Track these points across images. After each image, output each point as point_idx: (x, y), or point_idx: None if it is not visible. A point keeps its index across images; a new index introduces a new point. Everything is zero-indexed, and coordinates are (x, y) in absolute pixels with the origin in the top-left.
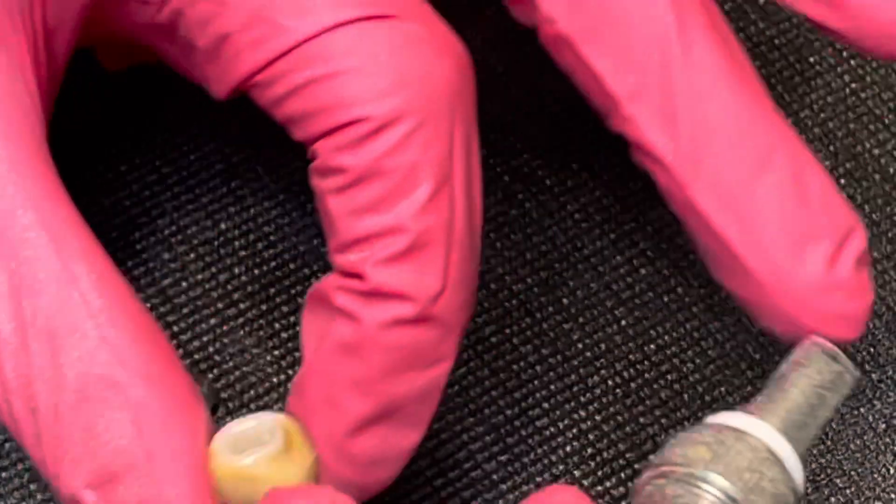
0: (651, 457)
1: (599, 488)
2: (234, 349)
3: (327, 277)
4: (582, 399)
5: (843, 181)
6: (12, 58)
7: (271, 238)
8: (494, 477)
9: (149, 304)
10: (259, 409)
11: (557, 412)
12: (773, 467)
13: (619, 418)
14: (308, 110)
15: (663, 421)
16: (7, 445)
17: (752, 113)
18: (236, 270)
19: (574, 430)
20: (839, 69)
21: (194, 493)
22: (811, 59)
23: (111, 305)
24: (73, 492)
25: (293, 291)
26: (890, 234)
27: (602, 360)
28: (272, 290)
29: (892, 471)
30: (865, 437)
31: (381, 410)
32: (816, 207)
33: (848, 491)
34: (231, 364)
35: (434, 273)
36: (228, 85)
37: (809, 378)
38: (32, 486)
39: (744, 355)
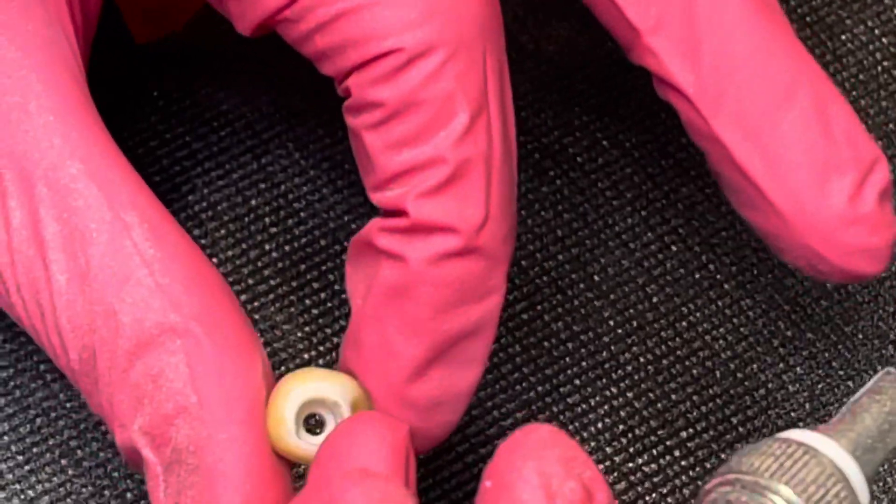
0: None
1: (631, 465)
2: (265, 325)
3: (368, 224)
4: (613, 376)
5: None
6: (49, 8)
7: (301, 214)
8: None
9: None
10: None
11: (589, 389)
12: (838, 484)
13: (651, 395)
14: (338, 44)
15: (695, 398)
16: (38, 421)
17: (776, 45)
18: (266, 247)
19: (605, 407)
20: (871, 47)
21: (246, 437)
22: (843, 37)
23: (164, 253)
24: (128, 436)
25: (324, 268)
26: None
27: (633, 336)
28: (302, 267)
29: None
30: None
31: (436, 351)
32: (840, 140)
33: (881, 468)
34: (262, 340)
35: (476, 203)
36: (254, 21)
37: (881, 405)
38: (63, 462)
39: (776, 332)
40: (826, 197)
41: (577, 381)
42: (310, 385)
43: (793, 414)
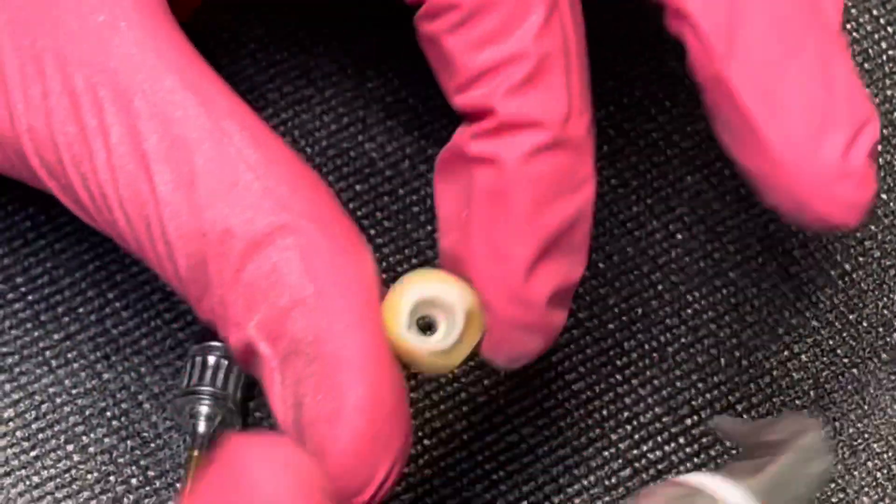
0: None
1: (636, 452)
2: None
3: (454, 136)
4: (618, 363)
5: (879, 147)
6: None
7: None
8: (531, 441)
9: None
10: None
11: (594, 376)
12: None
13: (656, 382)
14: None
15: (700, 385)
16: (44, 407)
17: None
18: None
19: (610, 394)
20: (876, 35)
21: (364, 325)
22: (848, 26)
23: (267, 156)
24: (244, 334)
25: None
26: None
27: (638, 324)
28: None
29: None
30: None
31: (544, 246)
32: (840, 95)
33: (885, 455)
34: None
35: (560, 96)
36: None
37: (796, 458)
38: (69, 448)
39: (780, 320)
40: (821, 149)
41: (581, 369)
42: (429, 285)
43: (797, 402)
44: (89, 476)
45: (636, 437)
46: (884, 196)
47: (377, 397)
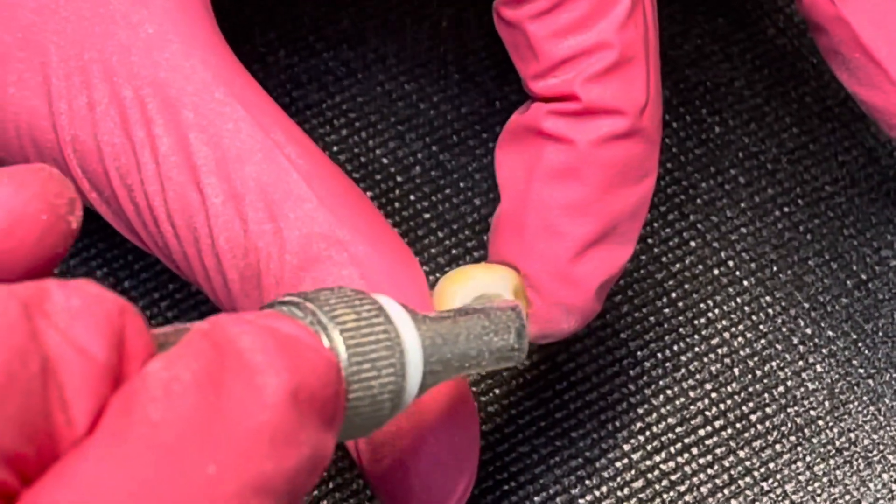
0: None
1: (649, 462)
2: None
3: (526, 111)
4: (631, 372)
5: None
6: None
7: None
8: (543, 451)
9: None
10: None
11: (607, 386)
12: (393, 349)
13: (669, 392)
14: None
15: (713, 395)
16: None
17: None
18: None
19: (624, 404)
20: None
21: None
22: None
23: (318, 168)
24: None
25: None
26: None
27: (652, 332)
28: None
29: None
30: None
31: (601, 231)
32: None
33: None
34: None
35: (640, 86)
36: None
37: (485, 332)
38: None
39: (795, 330)
40: None
41: (594, 378)
42: (471, 283)
43: (812, 412)
44: None
45: (649, 447)
46: None
47: (458, 409)
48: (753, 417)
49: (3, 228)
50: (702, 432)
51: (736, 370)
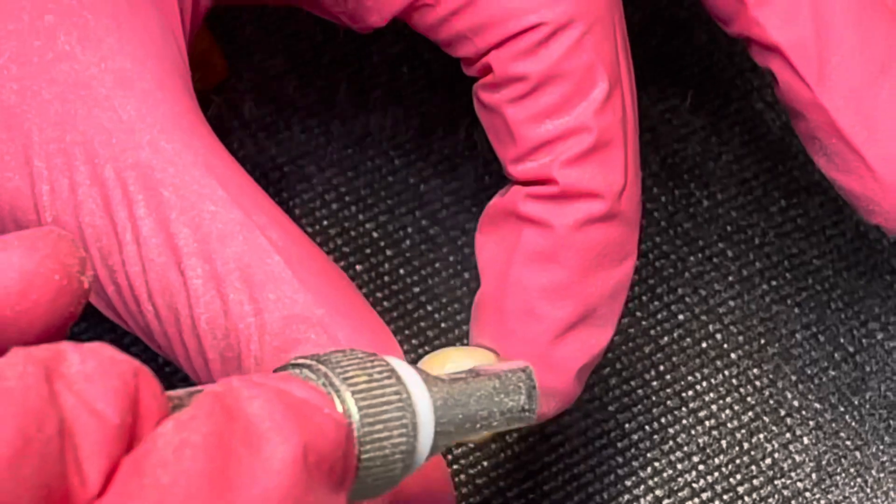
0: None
1: None
2: None
3: (505, 194)
4: (619, 444)
5: None
6: (165, 17)
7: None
8: None
9: None
10: None
11: (595, 458)
12: (404, 410)
13: (657, 464)
14: (479, 24)
15: (700, 468)
16: None
17: (874, 16)
18: None
19: (611, 477)
20: None
21: None
22: None
23: (300, 251)
24: None
25: None
26: None
27: (640, 405)
28: None
29: None
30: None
31: (580, 314)
32: None
33: None
34: None
35: (617, 169)
36: (392, 11)
37: (496, 392)
38: None
39: (783, 402)
40: None
41: (582, 451)
42: (450, 366)
43: (799, 484)
44: None
45: None
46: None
47: (434, 491)
48: (741, 489)
49: (18, 290)
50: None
51: (723, 442)
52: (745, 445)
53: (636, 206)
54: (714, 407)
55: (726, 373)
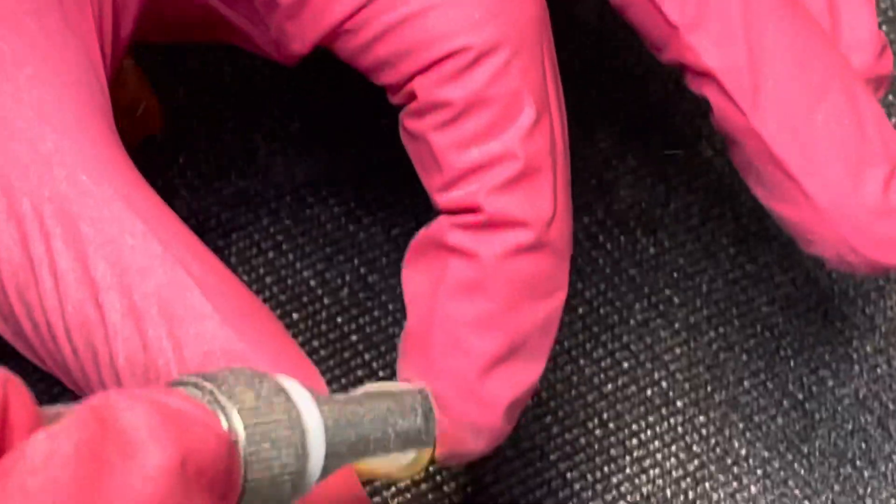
0: None
1: None
2: None
3: (431, 225)
4: (560, 495)
5: None
6: (83, 46)
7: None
8: None
9: None
10: None
11: None
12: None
13: None
14: (403, 49)
15: None
16: None
17: (809, 41)
18: None
19: None
20: None
21: None
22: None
23: (222, 285)
24: None
25: None
26: None
27: (582, 454)
28: None
29: None
30: None
31: (509, 346)
32: (872, 135)
33: None
34: None
35: (546, 197)
36: (313, 38)
37: (390, 413)
38: None
39: (729, 451)
40: (860, 190)
41: (522, 501)
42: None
43: None
44: None
45: None
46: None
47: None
48: None
49: None
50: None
51: (668, 491)
52: (691, 495)
53: (566, 238)
54: (659, 456)
55: (671, 421)
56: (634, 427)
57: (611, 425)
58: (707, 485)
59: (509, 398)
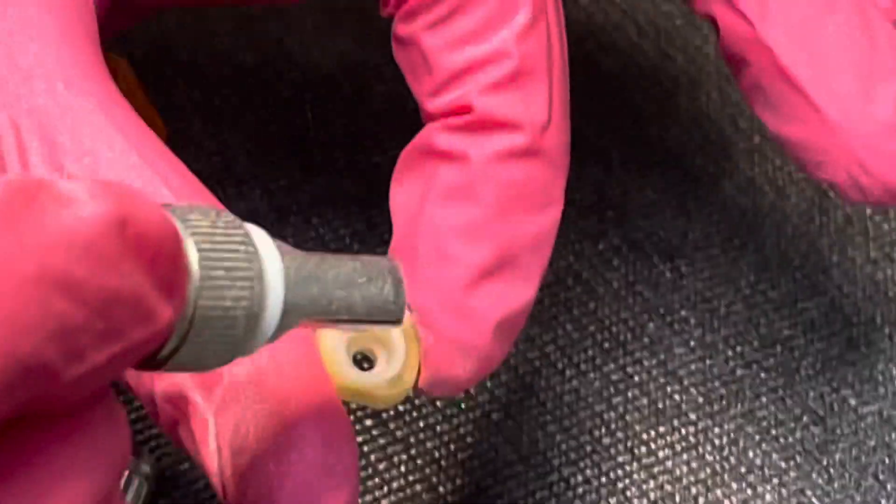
0: None
1: None
2: None
3: (423, 130)
4: (562, 498)
5: None
6: None
7: None
8: None
9: None
10: None
11: None
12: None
13: None
14: None
15: None
16: None
17: None
18: None
19: None
20: None
21: (307, 359)
22: None
23: (197, 197)
24: (173, 383)
25: None
26: None
27: (587, 459)
28: None
29: None
30: None
31: (497, 258)
32: (884, 48)
33: None
34: None
35: (540, 102)
36: None
37: (357, 274)
38: None
39: (743, 461)
40: (873, 104)
41: (521, 503)
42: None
43: None
44: None
45: None
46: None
47: (329, 427)
48: None
49: None
50: None
51: (678, 497)
52: (702, 501)
53: (562, 149)
54: (669, 463)
55: (683, 431)
56: (644, 436)
57: (619, 434)
58: (719, 492)
59: (498, 316)
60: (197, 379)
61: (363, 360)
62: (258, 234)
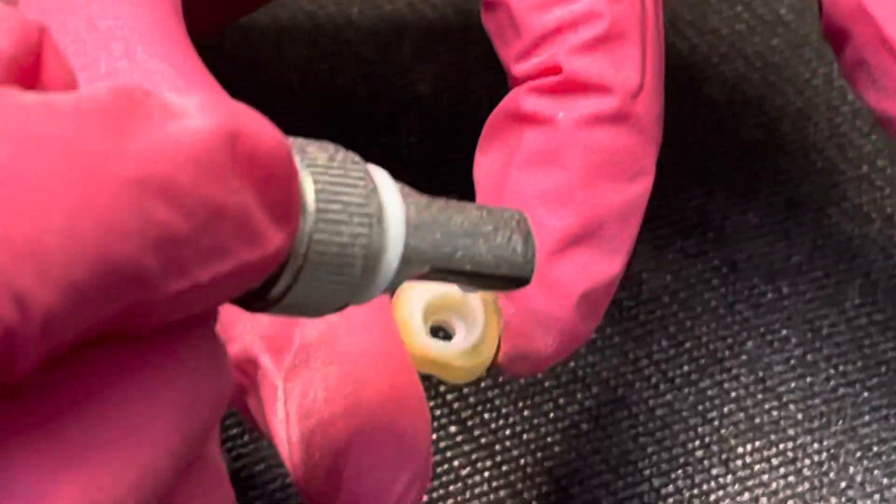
0: None
1: None
2: None
3: (508, 95)
4: None
5: None
6: None
7: None
8: None
9: None
10: None
11: None
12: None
13: None
14: None
15: None
16: None
17: None
18: None
19: None
20: None
21: (380, 320)
22: None
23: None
24: (240, 347)
25: None
26: None
27: (679, 471)
28: None
29: None
30: None
31: (584, 226)
32: None
33: None
34: None
35: (632, 66)
36: None
37: (483, 222)
38: None
39: (843, 476)
40: None
41: None
42: (434, 285)
43: None
44: None
45: None
46: None
47: (400, 392)
48: None
49: None
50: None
51: None
52: None
53: (654, 117)
54: (765, 477)
55: (781, 446)
56: (739, 450)
57: (713, 447)
58: None
59: (582, 287)
60: (267, 342)
61: (440, 332)
62: (379, 174)
